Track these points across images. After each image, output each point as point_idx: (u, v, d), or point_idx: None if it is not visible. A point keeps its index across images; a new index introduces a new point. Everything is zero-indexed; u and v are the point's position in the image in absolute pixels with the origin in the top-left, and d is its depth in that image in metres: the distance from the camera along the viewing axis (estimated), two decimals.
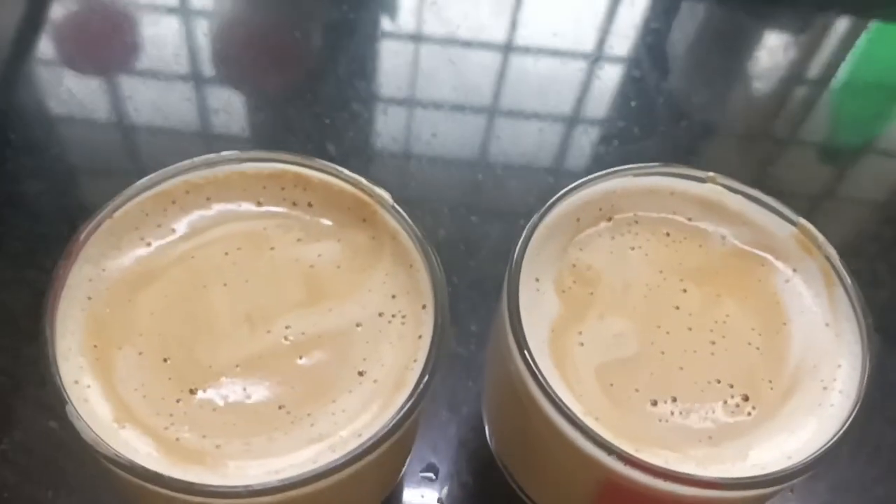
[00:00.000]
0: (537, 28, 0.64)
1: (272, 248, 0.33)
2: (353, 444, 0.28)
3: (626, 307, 0.33)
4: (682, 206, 0.36)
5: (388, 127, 0.56)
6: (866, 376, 0.31)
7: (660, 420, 0.31)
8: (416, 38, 0.62)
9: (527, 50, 0.62)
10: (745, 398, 0.31)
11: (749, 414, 0.31)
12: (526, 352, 0.30)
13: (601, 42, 0.64)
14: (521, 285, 0.32)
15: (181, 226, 0.33)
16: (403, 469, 0.37)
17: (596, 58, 0.63)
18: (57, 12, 0.61)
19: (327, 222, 0.34)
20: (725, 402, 0.31)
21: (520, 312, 0.31)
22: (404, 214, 0.33)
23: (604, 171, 0.35)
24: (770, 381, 0.32)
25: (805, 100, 0.64)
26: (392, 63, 0.60)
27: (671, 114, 0.60)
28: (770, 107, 0.63)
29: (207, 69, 0.59)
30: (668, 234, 0.35)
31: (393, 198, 0.34)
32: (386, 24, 0.63)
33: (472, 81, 0.59)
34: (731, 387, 0.32)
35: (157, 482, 0.26)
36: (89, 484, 0.39)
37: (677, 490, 0.29)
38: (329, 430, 0.29)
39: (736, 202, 0.36)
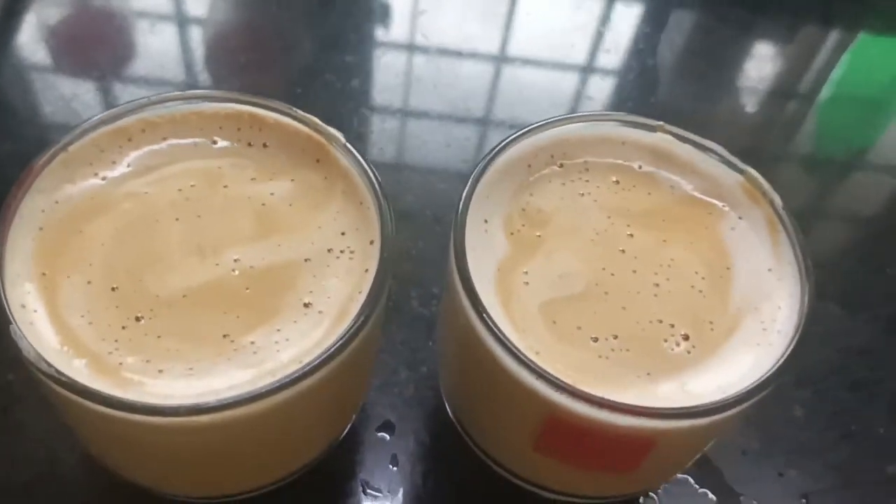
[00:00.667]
0: (529, 39, 0.64)
1: (226, 186, 0.34)
2: (291, 370, 0.28)
3: (572, 249, 0.34)
4: (633, 153, 0.36)
5: (380, 134, 0.56)
6: (804, 315, 0.32)
7: (600, 356, 0.31)
8: (409, 47, 0.63)
9: (518, 60, 0.63)
10: (686, 337, 0.32)
11: (689, 352, 0.32)
12: (470, 288, 0.31)
13: (592, 53, 0.64)
14: (469, 226, 0.33)
15: (136, 162, 0.34)
16: (353, 416, 0.38)
17: (587, 69, 0.63)
18: (50, 15, 0.61)
19: (281, 162, 0.34)
20: (666, 340, 0.32)
21: (465, 252, 0.32)
22: (356, 154, 0.34)
23: (555, 117, 0.36)
24: (711, 322, 0.32)
25: (792, 111, 0.64)
26: (384, 72, 0.60)
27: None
28: (757, 118, 0.63)
29: (200, 75, 0.59)
30: (617, 182, 0.36)
31: (346, 138, 0.34)
32: (379, 33, 0.64)
33: (464, 91, 0.59)
34: (672, 326, 0.32)
35: (96, 399, 0.27)
36: (46, 436, 0.40)
37: (616, 420, 0.29)
38: (271, 357, 0.29)
39: (685, 151, 0.36)
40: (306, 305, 0.31)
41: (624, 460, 0.32)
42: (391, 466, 0.41)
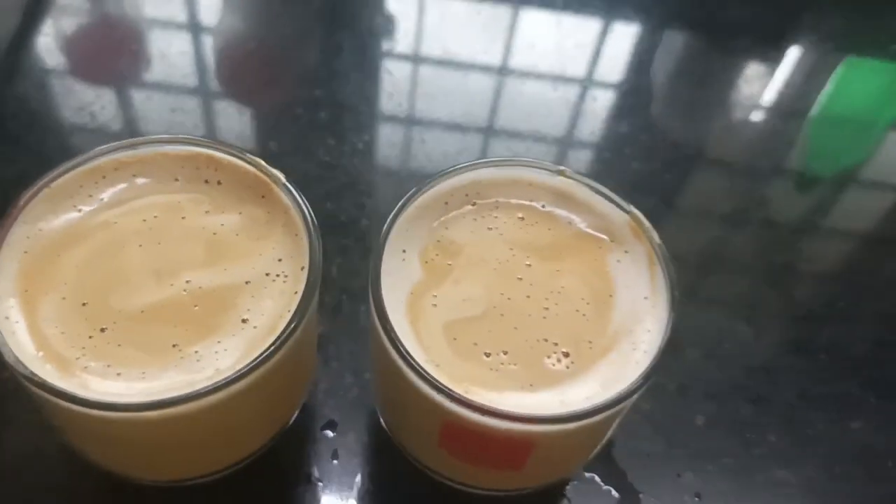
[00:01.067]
0: (530, 53, 0.70)
1: (183, 218, 0.40)
2: (225, 375, 0.34)
3: (477, 277, 0.39)
4: (538, 194, 0.42)
5: (379, 145, 0.62)
6: (666, 337, 0.37)
7: (491, 369, 0.37)
8: (414, 59, 0.69)
9: (520, 73, 0.69)
10: (566, 354, 0.38)
11: (567, 367, 0.37)
12: (381, 309, 0.37)
13: (591, 68, 0.70)
14: (388, 255, 0.39)
15: (108, 196, 0.40)
16: (293, 415, 0.43)
17: (585, 81, 0.69)
18: (68, 24, 0.68)
19: (232, 197, 0.40)
20: (549, 356, 0.37)
21: (380, 277, 0.37)
22: (295, 192, 0.40)
23: (471, 162, 0.42)
24: (590, 342, 0.38)
25: (781, 130, 0.70)
26: (388, 83, 0.66)
27: (655, 140, 0.65)
28: (747, 135, 0.69)
29: (211, 83, 0.65)
30: (522, 218, 0.42)
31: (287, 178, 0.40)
32: (384, 44, 0.70)
33: (467, 102, 0.65)
34: (556, 345, 0.38)
35: (63, 397, 0.33)
36: (32, 427, 0.46)
37: (499, 425, 0.35)
38: (210, 364, 0.35)
39: (583, 193, 0.42)
40: (244, 321, 0.37)
41: (511, 459, 0.38)
42: (332, 460, 0.47)
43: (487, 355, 0.37)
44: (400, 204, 0.40)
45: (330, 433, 0.48)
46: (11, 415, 0.46)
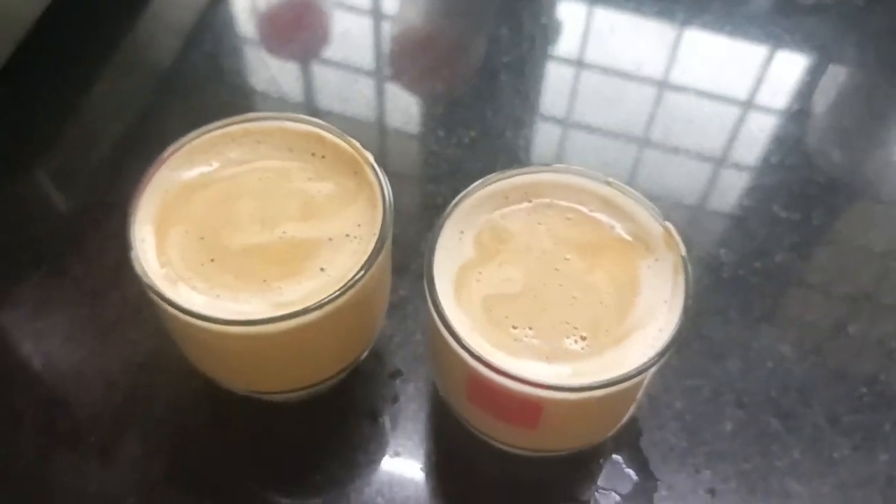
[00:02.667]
0: (693, 68, 0.75)
1: (290, 181, 0.48)
2: (299, 308, 0.43)
3: (520, 262, 0.46)
4: (587, 199, 0.48)
5: (539, 144, 0.69)
6: (672, 338, 0.42)
7: (515, 340, 0.43)
8: (578, 63, 0.75)
9: (681, 88, 0.74)
10: (584, 338, 0.44)
11: (583, 349, 0.43)
12: (431, 277, 0.44)
13: (753, 90, 0.74)
14: (447, 233, 0.46)
15: (234, 156, 0.49)
16: (360, 353, 0.52)
17: (746, 104, 0.73)
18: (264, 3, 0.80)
19: (330, 170, 0.49)
20: (568, 337, 0.44)
21: (435, 250, 0.45)
22: (379, 172, 0.48)
23: (533, 166, 0.48)
24: (607, 330, 0.44)
25: None
26: (550, 83, 0.73)
27: (810, 168, 0.68)
28: None
29: (385, 66, 0.75)
30: (570, 219, 0.48)
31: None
32: (549, 48, 0.77)
33: (625, 111, 0.71)
34: (576, 329, 0.44)
35: (174, 306, 0.42)
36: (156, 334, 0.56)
37: (512, 386, 0.42)
38: (291, 298, 0.44)
39: (626, 202, 0.47)
40: (322, 269, 0.45)
41: (524, 418, 0.44)
42: (394, 403, 0.55)
43: (515, 328, 0.44)
44: (465, 191, 0.47)
45: (395, 380, 0.56)
46: (148, 320, 0.57)
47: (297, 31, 0.77)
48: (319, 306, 0.42)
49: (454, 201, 0.47)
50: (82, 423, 0.53)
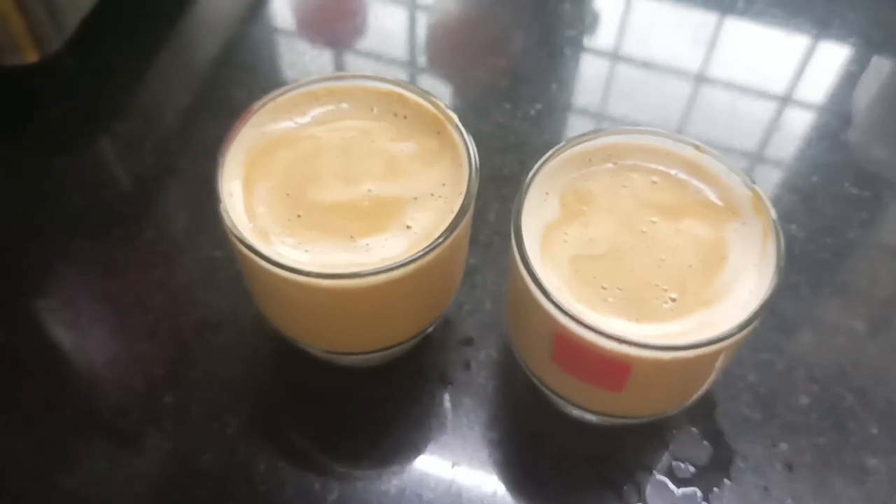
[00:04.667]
0: (731, 63, 0.74)
1: (373, 141, 0.48)
2: (387, 264, 0.42)
3: (605, 223, 0.46)
4: (673, 162, 0.48)
5: (554, 129, 0.68)
6: (763, 302, 0.42)
7: (604, 300, 0.43)
8: (614, 56, 0.75)
9: (717, 82, 0.73)
10: (673, 299, 0.43)
11: (672, 310, 0.43)
12: (519, 236, 0.44)
13: (792, 85, 0.73)
14: (532, 194, 0.46)
15: (318, 115, 0.49)
16: (437, 314, 0.51)
17: (784, 99, 0.72)
18: None
19: (413, 129, 0.49)
20: (657, 298, 0.43)
21: (522, 210, 0.45)
22: (464, 132, 0.47)
23: (616, 128, 0.48)
24: (696, 293, 0.43)
25: None
26: (587, 76, 0.73)
27: (850, 168, 0.67)
28: None
29: (419, 57, 0.75)
30: (655, 182, 0.47)
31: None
32: (586, 39, 0.76)
33: (661, 105, 0.70)
34: (665, 290, 0.44)
35: (263, 258, 0.42)
36: (235, 294, 0.57)
37: (602, 343, 0.41)
38: (377, 254, 0.44)
39: (713, 166, 0.47)
40: (408, 227, 0.45)
41: (611, 379, 0.44)
42: (465, 369, 0.55)
43: (604, 288, 0.44)
44: (550, 153, 0.47)
45: (466, 347, 0.56)
46: (222, 281, 0.57)
47: (335, 20, 0.77)
48: (410, 261, 0.42)
49: (539, 162, 0.46)
50: (157, 382, 0.53)
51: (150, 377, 0.53)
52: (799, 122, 0.71)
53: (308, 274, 0.42)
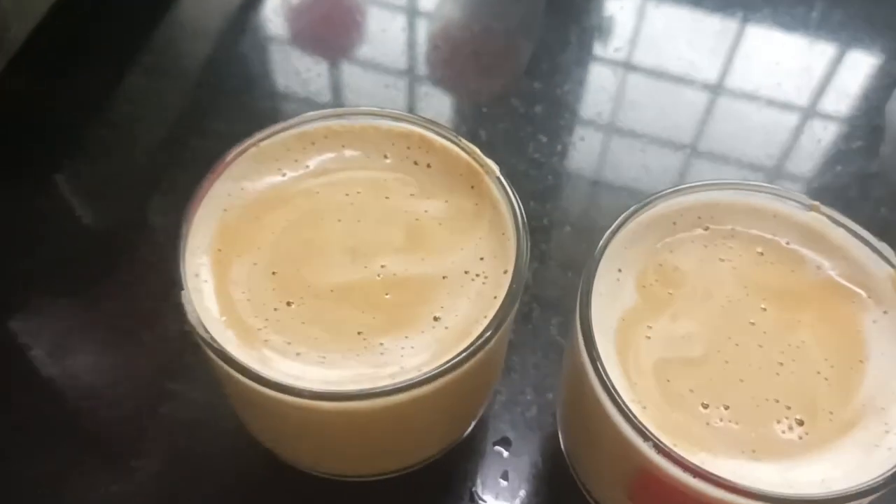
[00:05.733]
0: (751, 73, 0.63)
1: (387, 198, 0.37)
2: (410, 376, 0.31)
3: (701, 313, 0.34)
4: (782, 229, 0.36)
5: (581, 150, 0.58)
6: None
7: (707, 423, 0.32)
8: (626, 66, 0.64)
9: (737, 94, 0.62)
10: (801, 423, 0.32)
11: (800, 438, 0.31)
12: (588, 332, 0.32)
13: (816, 98, 0.62)
14: (601, 273, 0.34)
15: (314, 164, 0.38)
16: (469, 426, 0.40)
17: (808, 112, 0.61)
18: None
19: (440, 183, 0.37)
20: (779, 421, 0.32)
21: (591, 296, 0.33)
22: (508, 186, 0.36)
23: (707, 181, 0.36)
24: (831, 413, 0.32)
25: None
26: (596, 86, 0.62)
27: (879, 183, 0.57)
28: None
29: (420, 67, 0.63)
30: (761, 254, 0.36)
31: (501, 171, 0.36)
32: (597, 48, 0.65)
33: (676, 116, 0.60)
34: (789, 409, 0.32)
35: (237, 368, 0.31)
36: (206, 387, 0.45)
37: (709, 492, 0.30)
38: (395, 360, 0.32)
39: (838, 235, 0.36)
40: (436, 319, 0.33)
41: None
42: (502, 481, 0.43)
43: (705, 407, 0.32)
44: (622, 217, 0.35)
45: (503, 451, 0.44)
46: (195, 369, 0.45)
47: (333, 29, 0.65)
48: (438, 374, 0.31)
49: (611, 229, 0.35)
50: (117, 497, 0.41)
51: (105, 498, 0.41)
52: (824, 135, 0.59)
53: (300, 393, 0.30)
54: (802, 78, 0.63)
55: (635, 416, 0.30)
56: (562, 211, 0.53)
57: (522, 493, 0.43)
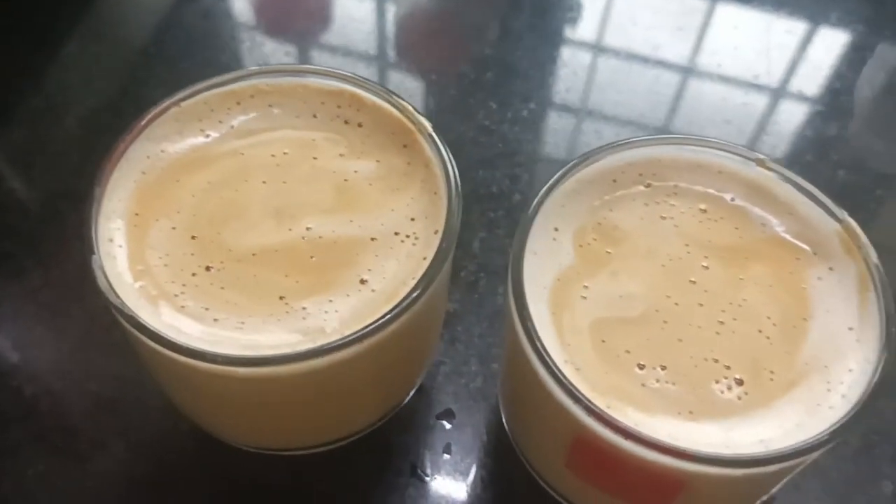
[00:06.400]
0: (719, 53, 0.62)
1: (315, 158, 0.35)
2: (331, 340, 0.29)
3: (640, 272, 0.33)
4: (727, 185, 0.35)
5: (552, 133, 0.56)
6: (873, 384, 0.29)
7: (643, 384, 0.30)
8: (596, 48, 0.62)
9: (706, 75, 0.61)
10: (740, 382, 0.30)
11: (739, 398, 0.30)
12: (520, 293, 0.31)
13: (785, 77, 0.61)
14: (537, 233, 0.33)
15: (239, 124, 0.36)
16: (406, 396, 0.38)
17: (777, 92, 0.60)
18: None
19: (371, 142, 0.36)
20: (717, 381, 0.30)
21: (523, 255, 0.32)
22: (440, 144, 0.34)
23: (649, 136, 0.35)
24: (772, 372, 0.31)
25: None
26: (566, 70, 0.60)
27: (848, 161, 0.55)
28: None
29: (389, 50, 0.61)
30: (704, 211, 0.35)
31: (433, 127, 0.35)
32: (567, 30, 0.63)
33: (645, 99, 0.58)
34: (728, 368, 0.31)
35: (149, 335, 0.29)
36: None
37: (644, 455, 0.28)
38: (317, 324, 0.31)
39: (784, 191, 0.34)
40: (362, 282, 0.32)
41: (652, 497, 0.31)
42: (444, 454, 0.42)
43: (641, 367, 0.31)
44: (559, 174, 0.34)
45: (446, 423, 0.42)
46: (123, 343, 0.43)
47: (297, 12, 0.63)
48: (361, 336, 0.29)
49: (546, 186, 0.33)
50: (30, 487, 0.39)
51: (24, 478, 0.40)
52: (794, 115, 0.58)
53: (213, 359, 0.28)
54: (770, 58, 0.61)
55: (565, 377, 0.29)
56: (511, 178, 0.52)
57: (465, 465, 0.41)
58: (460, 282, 0.47)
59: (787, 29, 0.63)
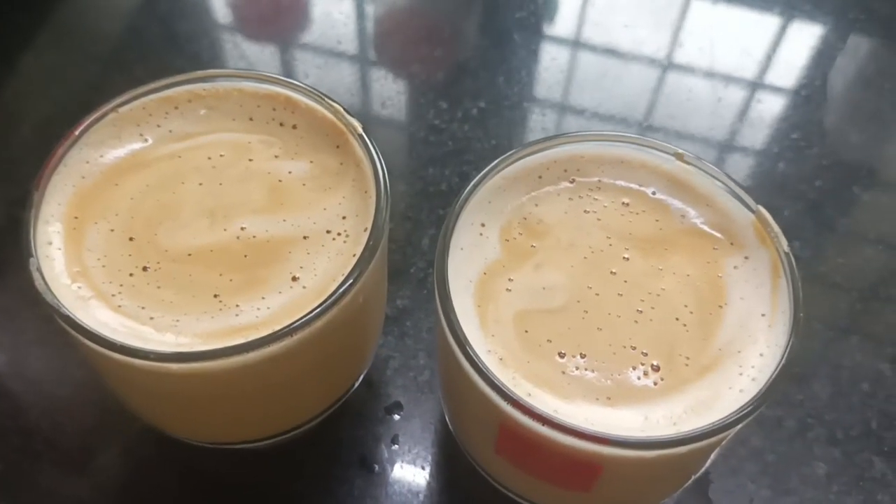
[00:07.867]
0: (697, 49, 0.63)
1: (250, 160, 0.36)
2: (263, 334, 0.30)
3: (563, 264, 0.34)
4: (649, 179, 0.36)
5: (502, 130, 0.57)
6: (780, 367, 0.31)
7: (563, 372, 0.32)
8: (574, 44, 0.63)
9: (685, 69, 0.62)
10: (657, 368, 0.32)
11: (656, 384, 0.31)
12: (444, 286, 0.32)
13: (762, 70, 0.62)
14: (464, 228, 0.34)
15: (176, 128, 0.37)
16: (346, 389, 0.40)
17: (754, 85, 0.61)
18: None
19: (305, 144, 0.37)
20: (634, 367, 0.32)
21: (447, 250, 0.33)
22: (371, 144, 0.35)
23: (573, 133, 0.36)
24: (687, 358, 0.32)
25: None
26: (545, 66, 0.61)
27: (824, 151, 0.57)
28: None
29: (368, 50, 0.62)
30: (627, 204, 0.36)
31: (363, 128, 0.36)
32: (544, 27, 0.64)
33: (625, 94, 0.59)
34: (645, 355, 0.32)
35: (85, 334, 0.30)
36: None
37: (562, 440, 0.30)
38: (250, 321, 0.32)
39: (703, 183, 0.36)
40: (294, 279, 0.33)
41: (574, 480, 0.32)
42: (392, 446, 0.43)
43: (561, 356, 0.32)
44: (484, 172, 0.35)
45: (394, 416, 0.44)
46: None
47: (277, 12, 0.64)
48: (291, 331, 0.30)
49: (472, 183, 0.35)
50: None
51: None
52: (771, 108, 0.59)
53: (146, 356, 0.29)
54: (748, 52, 0.63)
55: (486, 367, 0.30)
56: (461, 176, 0.53)
57: (411, 456, 0.42)
58: (410, 278, 0.48)
59: (760, 21, 0.65)
